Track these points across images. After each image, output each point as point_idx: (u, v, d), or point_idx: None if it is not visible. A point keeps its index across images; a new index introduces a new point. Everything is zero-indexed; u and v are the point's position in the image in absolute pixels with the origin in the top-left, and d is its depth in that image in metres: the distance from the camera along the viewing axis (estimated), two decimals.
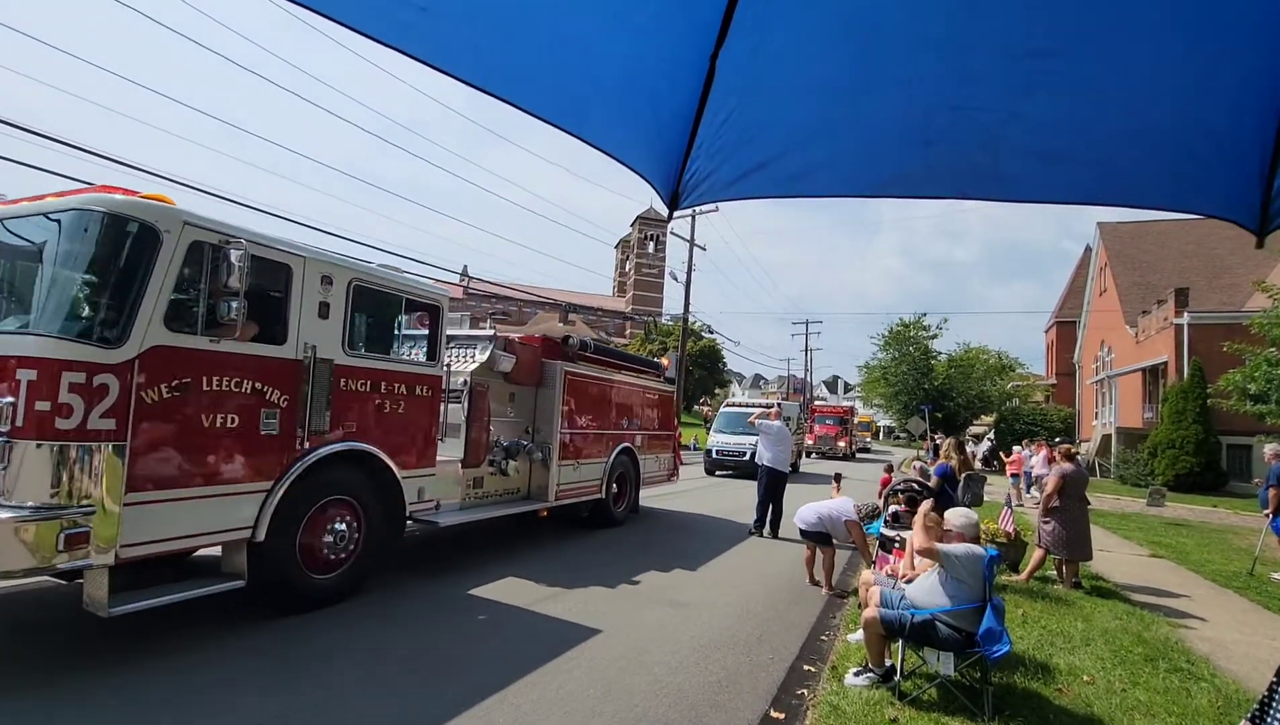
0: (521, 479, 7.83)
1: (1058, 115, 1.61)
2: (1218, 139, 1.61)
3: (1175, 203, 1.85)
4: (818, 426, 32.39)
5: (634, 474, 10.10)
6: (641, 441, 10.35)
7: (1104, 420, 28.73)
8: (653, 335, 45.69)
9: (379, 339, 5.88)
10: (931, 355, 37.16)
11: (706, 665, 4.43)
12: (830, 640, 5.14)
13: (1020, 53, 1.47)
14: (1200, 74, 1.49)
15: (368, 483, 5.32)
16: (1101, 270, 31.99)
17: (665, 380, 11.74)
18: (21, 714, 3.20)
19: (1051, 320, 43.73)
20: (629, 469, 9.92)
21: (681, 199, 1.85)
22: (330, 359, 4.90)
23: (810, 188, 1.90)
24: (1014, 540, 7.61)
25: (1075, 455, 7.30)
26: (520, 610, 5.34)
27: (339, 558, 5.05)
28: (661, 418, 11.26)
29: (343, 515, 5.07)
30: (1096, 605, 6.30)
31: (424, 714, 3.47)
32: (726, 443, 19.18)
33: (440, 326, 6.14)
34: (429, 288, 6.21)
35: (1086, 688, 4.24)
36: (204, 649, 4.11)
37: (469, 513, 6.80)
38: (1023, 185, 1.83)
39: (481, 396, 6.81)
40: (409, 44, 1.22)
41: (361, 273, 5.35)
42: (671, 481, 11.80)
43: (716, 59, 1.51)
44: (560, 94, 1.51)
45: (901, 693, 3.91)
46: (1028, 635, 5.19)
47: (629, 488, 9.98)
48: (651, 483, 10.89)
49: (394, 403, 5.51)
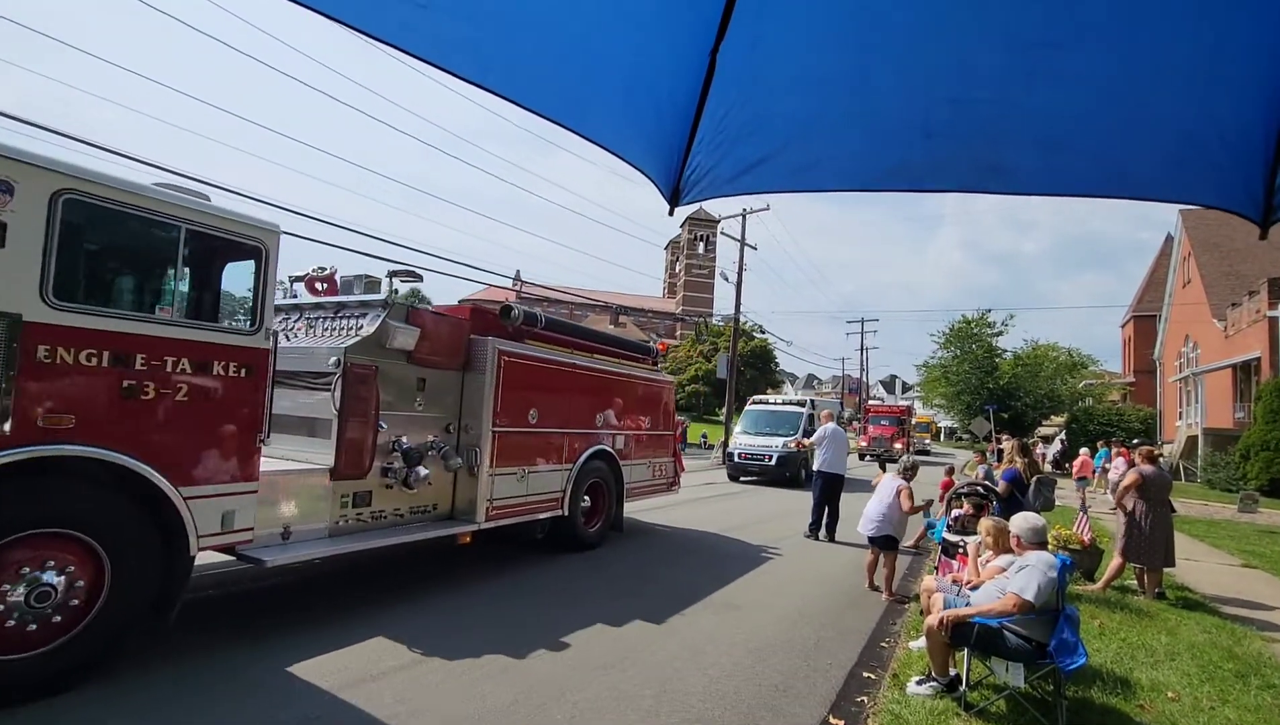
0: (438, 493, 5.93)
1: (1060, 106, 1.59)
2: (1222, 128, 1.57)
3: (1178, 194, 1.81)
4: (872, 427, 31.19)
5: (614, 483, 8.05)
6: (626, 443, 8.31)
7: (1189, 421, 26.92)
8: (703, 336, 45.48)
9: (143, 290, 4.23)
10: (996, 353, 35.58)
11: (762, 669, 4.41)
12: (890, 647, 5.02)
13: (1022, 43, 1.46)
14: (1205, 63, 1.45)
15: (113, 507, 3.60)
16: (1185, 260, 29.99)
17: (653, 364, 9.44)
18: None
19: (1128, 314, 41.25)
20: (606, 478, 7.94)
21: (683, 195, 1.84)
22: (15, 313, 3.21)
23: (812, 182, 1.90)
24: (1089, 547, 7.24)
25: (1157, 457, 6.88)
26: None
27: (45, 628, 3.35)
28: (655, 414, 9.10)
29: (49, 561, 3.36)
30: (1182, 617, 5.93)
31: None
32: (751, 445, 17.12)
33: (265, 277, 4.32)
34: (238, 217, 4.22)
35: (1171, 705, 4.01)
36: None
37: (343, 542, 4.98)
38: (1024, 177, 1.81)
39: (363, 382, 5.02)
40: (408, 41, 1.23)
41: (82, 180, 3.47)
42: (673, 490, 9.77)
43: (717, 54, 1.50)
44: (560, 90, 1.52)
45: (967, 703, 3.80)
46: (1105, 648, 4.93)
47: (607, 501, 7.97)
48: (644, 493, 8.88)
49: (165, 385, 3.78)
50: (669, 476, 9.55)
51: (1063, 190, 1.82)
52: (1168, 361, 32.30)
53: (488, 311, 6.77)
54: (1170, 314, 32.16)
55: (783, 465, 16.47)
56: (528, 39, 1.39)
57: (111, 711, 3.30)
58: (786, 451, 16.51)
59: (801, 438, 16.23)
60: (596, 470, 7.72)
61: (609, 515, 8.00)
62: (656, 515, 10.17)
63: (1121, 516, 6.70)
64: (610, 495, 8.01)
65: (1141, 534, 6.43)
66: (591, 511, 7.79)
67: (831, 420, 9.75)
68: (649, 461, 8.94)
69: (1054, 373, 35.45)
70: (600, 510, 7.91)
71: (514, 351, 6.48)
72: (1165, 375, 32.53)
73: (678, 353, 46.74)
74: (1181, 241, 30.53)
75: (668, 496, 9.84)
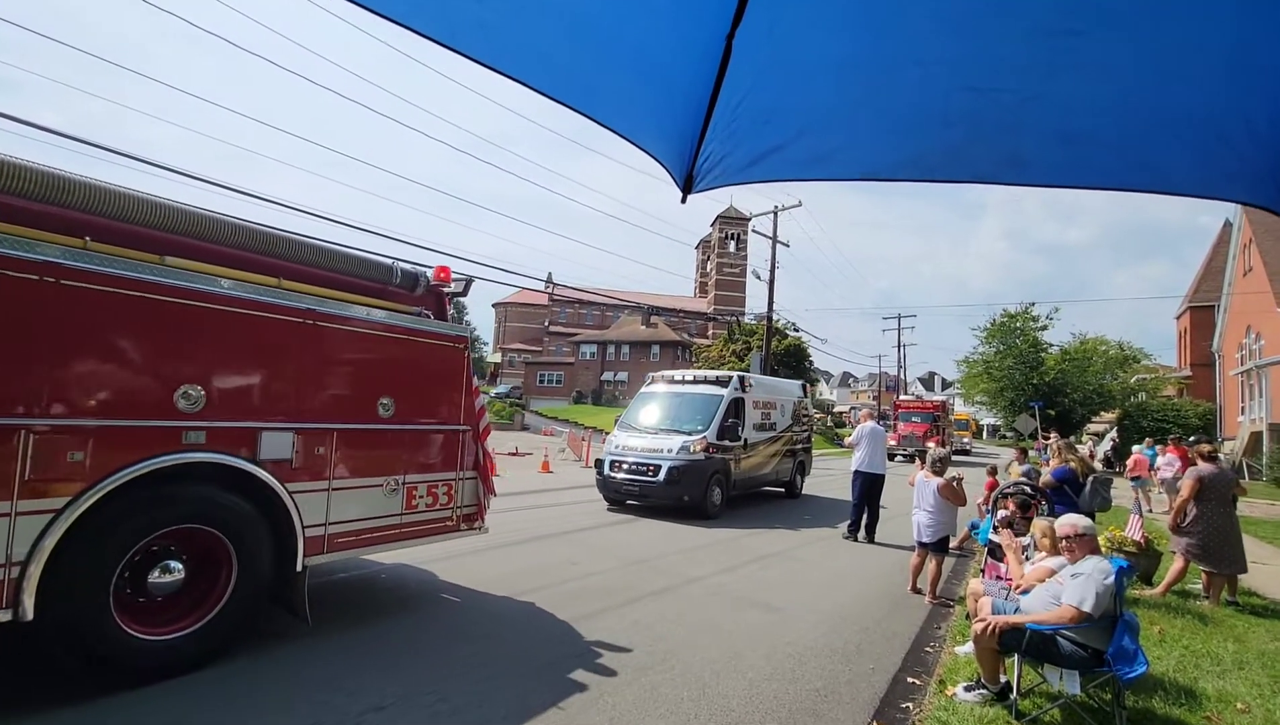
0: None
1: (1082, 97, 1.54)
2: (1250, 121, 1.51)
3: (1204, 189, 1.75)
4: (902, 424, 29.23)
5: (264, 533, 4.13)
6: (309, 446, 4.34)
7: (1252, 416, 25.57)
8: (736, 335, 45.03)
9: None
10: (1041, 347, 34.35)
11: (803, 672, 4.33)
12: (935, 652, 4.88)
13: (1044, 31, 1.41)
14: (1232, 52, 1.39)
15: None
16: (1245, 247, 28.49)
17: (413, 307, 5.38)
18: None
19: (1184, 305, 39.36)
20: (234, 521, 4.00)
21: (696, 182, 1.82)
22: None
23: (827, 171, 1.86)
24: (1145, 549, 6.91)
25: (1215, 455, 6.53)
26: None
27: None
28: (407, 393, 5.02)
29: None
30: (1250, 624, 5.62)
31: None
32: (630, 449, 10.63)
33: None
34: None
35: (1241, 717, 3.79)
36: None
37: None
38: (1043, 169, 1.77)
39: None
40: (419, 22, 1.22)
41: None
42: (469, 529, 5.48)
43: (733, 38, 1.47)
44: (573, 74, 1.50)
45: (1019, 712, 3.66)
46: (1166, 656, 4.70)
47: (231, 572, 4.00)
48: (379, 536, 4.77)
49: None
50: (460, 505, 5.39)
51: (1083, 182, 1.78)
52: (1228, 354, 30.76)
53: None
54: (1230, 304, 30.62)
55: (677, 483, 9.91)
56: (541, 22, 1.37)
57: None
58: (686, 459, 10.08)
59: (716, 437, 10.54)
60: (188, 505, 3.82)
61: (250, 599, 4.08)
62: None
63: (1173, 520, 6.39)
64: (252, 558, 4.07)
65: (1204, 537, 6.11)
66: (182, 596, 3.87)
67: (871, 419, 9.55)
68: (389, 482, 4.84)
69: (1103, 367, 34.07)
70: (213, 592, 3.97)
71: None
72: (1225, 368, 30.99)
73: (710, 352, 46.39)
74: (1242, 227, 29.01)
75: (464, 540, 5.66)
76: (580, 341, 59.14)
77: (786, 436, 13.31)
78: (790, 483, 13.55)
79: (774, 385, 14.00)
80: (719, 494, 10.53)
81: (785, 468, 13.27)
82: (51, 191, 3.60)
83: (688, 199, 1.89)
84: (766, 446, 12.44)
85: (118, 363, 3.60)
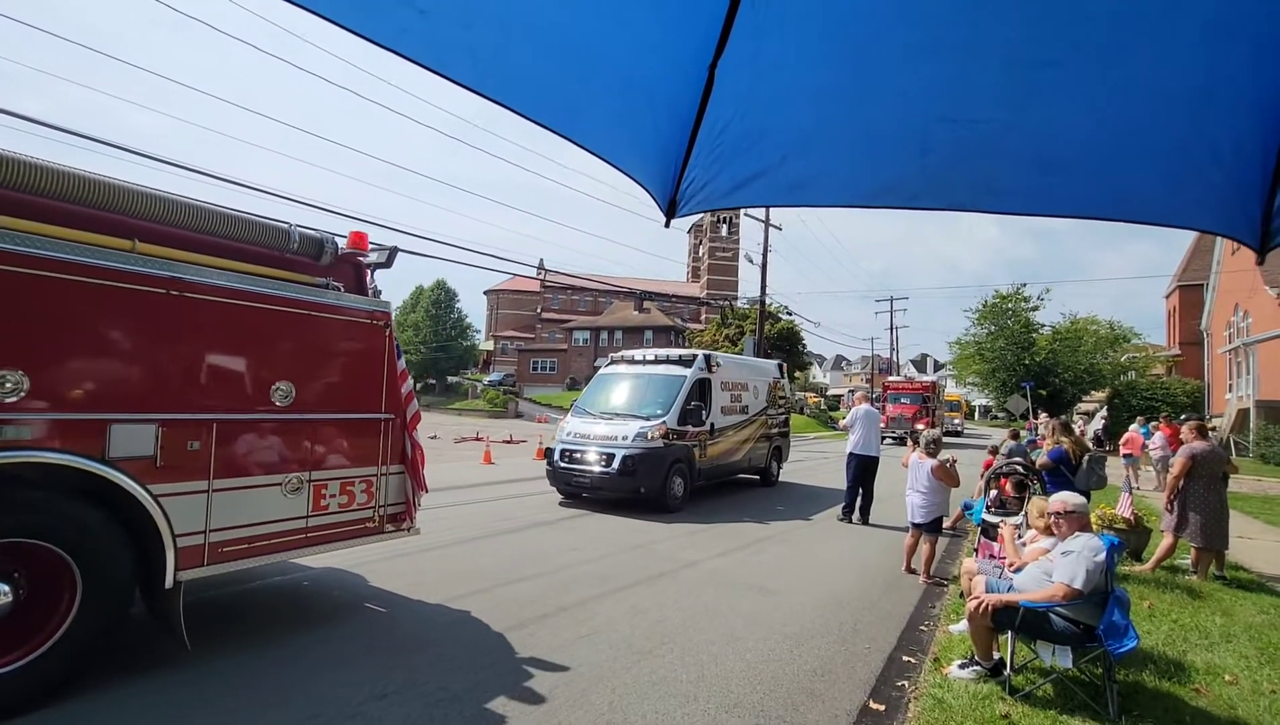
0: None
1: (1057, 127, 1.58)
2: (1218, 150, 1.55)
3: (1175, 218, 1.80)
4: (891, 406, 28.75)
5: (119, 546, 3.45)
6: (177, 439, 3.62)
7: (1240, 393, 25.86)
8: (729, 319, 45.05)
9: None
10: (1033, 328, 34.56)
11: (800, 653, 4.38)
12: (930, 631, 4.95)
13: (1020, 62, 1.44)
14: (1201, 83, 1.43)
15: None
16: None
17: (320, 278, 4.60)
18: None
19: (1173, 285, 39.63)
20: (70, 532, 3.27)
21: (679, 206, 1.83)
22: None
23: (808, 197, 1.90)
24: (1135, 526, 7.01)
25: (1208, 430, 6.60)
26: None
27: None
28: (316, 376, 4.38)
29: None
30: (1237, 598, 5.72)
31: None
32: (583, 437, 9.75)
33: None
34: None
35: (1229, 688, 3.87)
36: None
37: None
38: (1020, 197, 1.81)
39: None
40: (405, 46, 1.21)
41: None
42: (395, 530, 4.79)
43: (715, 68, 1.49)
44: (558, 100, 1.51)
45: (1013, 688, 3.71)
46: (1156, 630, 4.78)
47: (68, 598, 3.29)
48: (282, 543, 4.12)
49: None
50: (383, 503, 4.71)
51: (1059, 211, 1.82)
52: (1216, 332, 31.04)
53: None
54: (1218, 283, 30.84)
55: (632, 473, 9.08)
56: (527, 48, 1.38)
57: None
58: (643, 448, 9.23)
59: (678, 422, 9.70)
60: (11, 516, 3.13)
61: (103, 622, 3.41)
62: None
63: (1168, 496, 6.47)
64: (103, 575, 3.39)
65: (1195, 513, 6.19)
66: (10, 623, 3.16)
67: (865, 401, 9.60)
68: (290, 480, 4.18)
69: (1094, 347, 34.33)
70: (53, 617, 3.29)
71: None
72: (1213, 346, 31.29)
73: (703, 337, 46.39)
74: None
75: (393, 542, 4.98)
76: (573, 328, 59.01)
77: (760, 420, 12.24)
78: (765, 469, 12.54)
79: (746, 364, 12.95)
80: (681, 485, 9.61)
81: (759, 454, 12.20)
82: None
83: (671, 223, 1.90)
84: (737, 431, 11.34)
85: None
